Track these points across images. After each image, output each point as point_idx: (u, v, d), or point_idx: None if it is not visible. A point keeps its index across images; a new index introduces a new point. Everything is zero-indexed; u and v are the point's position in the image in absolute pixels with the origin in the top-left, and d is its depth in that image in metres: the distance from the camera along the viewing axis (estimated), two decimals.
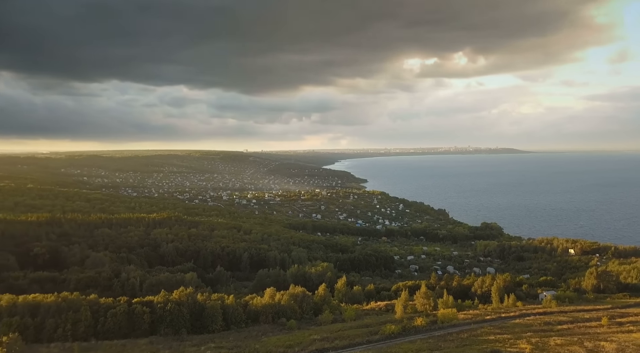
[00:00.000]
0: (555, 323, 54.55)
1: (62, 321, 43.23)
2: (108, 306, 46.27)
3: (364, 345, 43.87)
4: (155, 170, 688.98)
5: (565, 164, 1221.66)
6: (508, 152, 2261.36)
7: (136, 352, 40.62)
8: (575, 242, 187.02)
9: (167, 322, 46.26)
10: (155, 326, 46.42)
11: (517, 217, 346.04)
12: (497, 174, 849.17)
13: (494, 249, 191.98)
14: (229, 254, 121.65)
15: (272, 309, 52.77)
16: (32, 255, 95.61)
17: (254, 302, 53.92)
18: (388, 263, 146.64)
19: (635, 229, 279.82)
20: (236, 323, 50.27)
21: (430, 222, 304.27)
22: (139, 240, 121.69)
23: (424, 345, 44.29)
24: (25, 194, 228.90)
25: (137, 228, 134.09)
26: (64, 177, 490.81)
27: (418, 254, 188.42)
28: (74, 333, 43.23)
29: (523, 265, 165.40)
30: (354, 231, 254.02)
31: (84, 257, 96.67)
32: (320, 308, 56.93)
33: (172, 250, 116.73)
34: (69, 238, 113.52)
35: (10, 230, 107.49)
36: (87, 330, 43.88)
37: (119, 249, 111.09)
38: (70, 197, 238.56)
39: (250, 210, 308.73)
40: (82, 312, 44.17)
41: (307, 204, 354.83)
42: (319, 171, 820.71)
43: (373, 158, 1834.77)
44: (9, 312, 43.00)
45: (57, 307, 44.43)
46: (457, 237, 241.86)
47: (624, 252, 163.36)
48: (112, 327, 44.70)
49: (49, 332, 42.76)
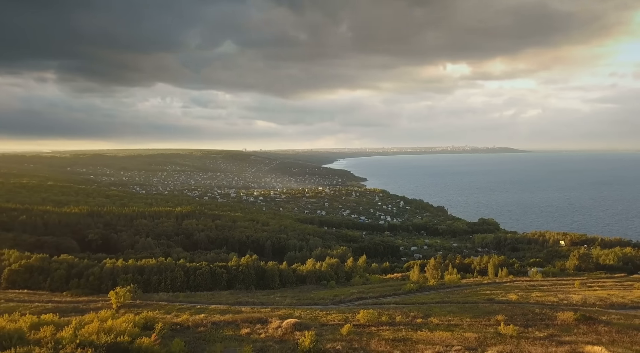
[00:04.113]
0: (538, 285, 69.02)
1: (163, 278, 56.89)
2: (195, 268, 59.98)
3: (391, 296, 58.01)
4: (159, 168, 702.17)
5: (562, 162, 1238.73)
6: (505, 152, 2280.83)
7: (222, 297, 54.34)
8: (566, 235, 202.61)
9: (240, 280, 60.12)
10: (231, 283, 60.22)
11: (514, 213, 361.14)
12: (495, 172, 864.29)
13: (491, 241, 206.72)
14: (253, 242, 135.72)
15: (315, 274, 66.68)
16: (87, 241, 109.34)
17: (300, 268, 67.85)
18: (394, 252, 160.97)
19: (624, 223, 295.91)
20: (289, 283, 64.14)
21: (430, 218, 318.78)
22: (173, 229, 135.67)
23: (437, 296, 58.54)
24: (48, 191, 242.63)
25: (169, 219, 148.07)
26: (71, 175, 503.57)
27: (420, 246, 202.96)
28: (173, 286, 56.90)
29: (517, 254, 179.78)
30: (358, 226, 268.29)
31: (133, 242, 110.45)
32: (351, 275, 70.96)
33: (205, 238, 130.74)
34: (113, 227, 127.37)
35: (65, 220, 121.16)
36: (182, 284, 57.60)
37: (159, 237, 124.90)
38: (90, 194, 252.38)
39: (258, 206, 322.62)
40: (176, 272, 57.85)
41: (311, 201, 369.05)
42: (319, 170, 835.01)
43: (371, 157, 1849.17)
44: (124, 271, 56.66)
45: (157, 268, 57.99)
46: (456, 231, 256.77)
47: (609, 242, 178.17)
48: (200, 283, 58.43)
49: (154, 285, 56.37)
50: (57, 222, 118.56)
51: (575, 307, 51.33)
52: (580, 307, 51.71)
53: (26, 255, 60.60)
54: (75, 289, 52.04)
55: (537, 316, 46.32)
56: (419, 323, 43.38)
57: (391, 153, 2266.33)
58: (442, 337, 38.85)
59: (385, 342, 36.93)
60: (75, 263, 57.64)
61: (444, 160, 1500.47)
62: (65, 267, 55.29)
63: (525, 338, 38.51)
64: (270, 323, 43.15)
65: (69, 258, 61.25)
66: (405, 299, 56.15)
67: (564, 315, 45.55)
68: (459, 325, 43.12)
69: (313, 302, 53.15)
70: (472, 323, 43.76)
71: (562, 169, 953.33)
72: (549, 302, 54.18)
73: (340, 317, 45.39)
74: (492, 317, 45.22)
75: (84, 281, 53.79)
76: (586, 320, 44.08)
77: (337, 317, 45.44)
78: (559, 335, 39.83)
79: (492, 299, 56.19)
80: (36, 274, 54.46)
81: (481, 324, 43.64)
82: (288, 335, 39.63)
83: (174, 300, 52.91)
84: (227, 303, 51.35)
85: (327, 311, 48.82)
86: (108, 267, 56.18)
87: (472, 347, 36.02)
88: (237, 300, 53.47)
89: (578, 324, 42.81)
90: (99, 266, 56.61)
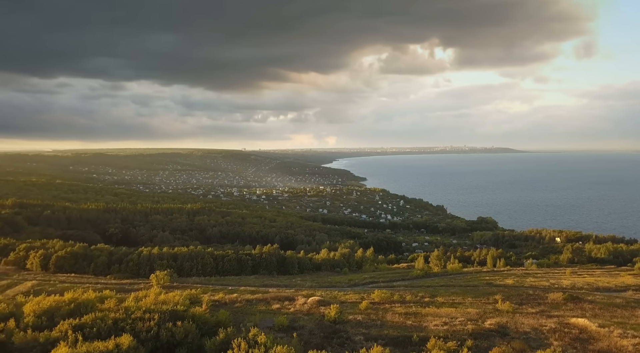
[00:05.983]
0: (532, 273, 75.58)
1: (194, 264, 63.22)
2: (223, 255, 66.34)
3: (400, 281, 64.40)
4: (161, 168, 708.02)
5: (560, 163, 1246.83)
6: (504, 152, 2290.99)
7: (250, 280, 60.65)
8: (562, 232, 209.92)
9: (263, 266, 66.54)
10: (256, 269, 66.55)
11: (512, 212, 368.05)
12: (494, 172, 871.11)
13: (489, 238, 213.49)
14: (263, 237, 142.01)
15: (329, 262, 73.18)
16: (107, 235, 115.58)
17: (316, 257, 74.43)
18: (397, 248, 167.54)
19: (620, 222, 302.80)
20: (307, 270, 70.59)
21: (429, 216, 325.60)
22: (187, 225, 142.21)
23: (441, 280, 65.02)
24: (58, 189, 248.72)
25: (181, 215, 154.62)
26: (75, 173, 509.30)
27: (421, 242, 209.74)
28: (204, 271, 63.19)
29: (514, 250, 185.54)
30: (360, 224, 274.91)
31: (152, 236, 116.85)
32: (361, 264, 77.53)
33: (217, 233, 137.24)
34: (130, 222, 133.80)
35: (86, 215, 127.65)
36: (211, 270, 63.87)
37: (174, 232, 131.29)
38: (99, 192, 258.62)
39: (261, 205, 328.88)
40: (206, 258, 64.18)
41: (313, 200, 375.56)
42: (319, 169, 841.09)
43: (370, 157, 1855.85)
44: (159, 258, 62.94)
45: (189, 255, 64.31)
46: (455, 229, 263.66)
47: (602, 239, 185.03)
48: (228, 268, 64.74)
49: (187, 270, 62.65)
50: (78, 217, 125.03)
51: (564, 289, 57.57)
52: (569, 289, 57.93)
53: (70, 243, 67.00)
54: (116, 273, 58.29)
55: (531, 296, 52.73)
56: (426, 301, 49.76)
57: (390, 153, 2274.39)
58: (447, 311, 45.25)
59: (399, 315, 43.14)
60: (114, 251, 64.02)
61: (443, 160, 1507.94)
62: (106, 254, 61.57)
63: (520, 313, 44.93)
64: (297, 300, 49.52)
65: (107, 247, 67.64)
66: (413, 283, 62.50)
67: (554, 295, 52.09)
68: (461, 303, 49.49)
69: (331, 285, 59.44)
70: (474, 302, 50.16)
71: (561, 168, 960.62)
72: (541, 286, 60.52)
73: (357, 296, 51.68)
74: (491, 297, 51.58)
75: (124, 266, 60.05)
76: (573, 299, 50.56)
77: (354, 296, 51.77)
78: (549, 310, 46.34)
79: (490, 283, 62.63)
80: (80, 260, 60.72)
81: (481, 302, 50.03)
82: (314, 309, 45.98)
83: (206, 282, 59.10)
84: (255, 286, 57.52)
85: (344, 292, 55.18)
86: (145, 254, 62.50)
87: (473, 318, 42.35)
88: (263, 283, 59.75)
89: (566, 302, 49.23)
90: (137, 253, 62.93)
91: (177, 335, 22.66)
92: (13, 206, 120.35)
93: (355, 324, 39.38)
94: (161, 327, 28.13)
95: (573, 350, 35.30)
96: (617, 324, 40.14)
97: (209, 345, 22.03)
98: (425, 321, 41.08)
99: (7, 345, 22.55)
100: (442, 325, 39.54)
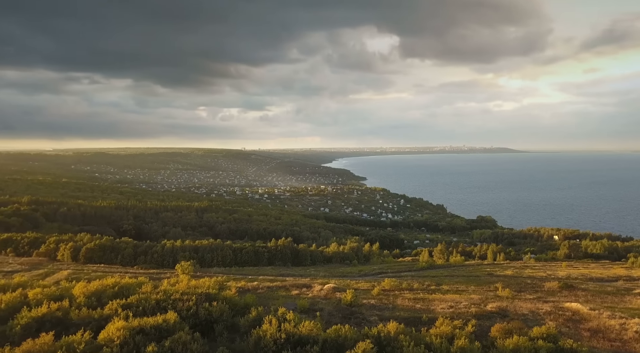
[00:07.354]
0: (531, 266, 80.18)
1: (214, 256, 67.56)
2: (241, 247, 70.76)
3: (407, 272, 68.93)
4: (162, 167, 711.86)
5: (559, 163, 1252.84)
6: (503, 152, 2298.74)
7: (267, 270, 65.10)
8: (560, 230, 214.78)
9: (279, 258, 70.97)
10: (271, 260, 70.96)
11: (511, 211, 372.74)
12: (493, 172, 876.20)
13: (489, 236, 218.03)
14: (270, 234, 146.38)
15: (339, 255, 77.63)
16: (122, 231, 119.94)
17: (327, 250, 78.94)
18: (399, 244, 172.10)
19: (617, 221, 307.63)
20: (318, 262, 75.06)
21: (430, 215, 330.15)
22: (197, 222, 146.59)
23: (445, 271, 69.57)
24: (65, 187, 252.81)
25: (190, 213, 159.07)
26: (77, 173, 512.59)
27: (422, 240, 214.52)
28: (223, 262, 67.52)
29: (513, 247, 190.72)
30: (361, 222, 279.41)
31: (164, 232, 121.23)
32: (369, 257, 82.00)
33: (226, 229, 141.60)
34: (142, 219, 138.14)
35: (100, 212, 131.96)
36: (230, 261, 68.23)
37: (185, 228, 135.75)
38: (105, 190, 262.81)
39: (264, 203, 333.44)
40: (226, 250, 68.57)
41: (314, 199, 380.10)
42: (319, 169, 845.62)
43: (370, 157, 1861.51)
44: (182, 250, 67.32)
45: (209, 247, 68.67)
46: (455, 227, 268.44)
47: (599, 236, 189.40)
48: (245, 259, 69.11)
49: (207, 262, 66.99)
50: (93, 214, 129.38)
51: (560, 279, 62.19)
52: (564, 279, 62.51)
53: (97, 237, 71.38)
54: (142, 264, 62.67)
55: (529, 285, 57.45)
56: (433, 289, 54.40)
57: (389, 153, 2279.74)
58: (452, 297, 49.90)
59: (408, 300, 47.73)
60: (138, 244, 68.40)
61: (443, 160, 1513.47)
62: (131, 247, 65.91)
63: (519, 298, 49.54)
64: (313, 287, 54.18)
65: (131, 240, 72.09)
66: (419, 274, 67.06)
67: (550, 284, 56.89)
68: (465, 291, 54.19)
69: (342, 275, 63.96)
70: (476, 289, 54.88)
71: (560, 168, 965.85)
72: (538, 276, 65.16)
73: (368, 284, 56.32)
74: (492, 285, 56.30)
75: (149, 258, 64.35)
76: (568, 287, 55.28)
77: (366, 284, 56.42)
78: (545, 297, 51.02)
79: (491, 274, 67.21)
80: (108, 252, 65.06)
81: (483, 290, 54.76)
82: (330, 294, 50.63)
83: (227, 272, 63.50)
84: (272, 275, 62.04)
85: (356, 281, 59.79)
86: (168, 246, 66.86)
87: (476, 303, 46.95)
88: (280, 272, 64.24)
89: (561, 290, 53.94)
90: (160, 245, 67.32)
91: (214, 313, 26.10)
92: (29, 203, 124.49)
93: (370, 307, 43.92)
94: (199, 306, 32.50)
95: (566, 329, 40.04)
96: (606, 308, 44.68)
97: (243, 322, 25.38)
98: (432, 305, 45.64)
99: (65, 321, 26.45)
100: (448, 308, 44.15)
